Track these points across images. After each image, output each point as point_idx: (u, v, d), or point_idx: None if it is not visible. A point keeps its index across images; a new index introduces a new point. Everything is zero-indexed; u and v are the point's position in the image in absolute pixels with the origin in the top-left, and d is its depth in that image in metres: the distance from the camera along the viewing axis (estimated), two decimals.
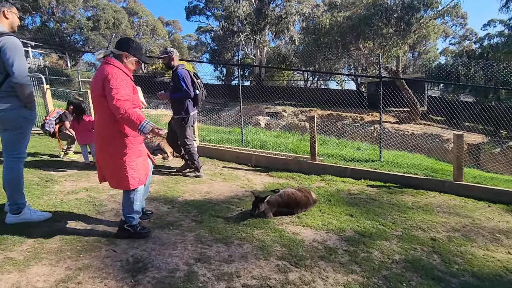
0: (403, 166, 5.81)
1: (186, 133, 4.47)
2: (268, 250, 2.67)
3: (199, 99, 4.48)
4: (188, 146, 4.53)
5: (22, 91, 2.54)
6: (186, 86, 4.21)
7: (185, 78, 4.22)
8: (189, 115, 4.41)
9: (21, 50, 2.53)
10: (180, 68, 4.32)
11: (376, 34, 14.13)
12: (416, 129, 14.96)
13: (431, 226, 3.41)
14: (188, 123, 4.44)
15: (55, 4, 32.73)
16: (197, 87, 4.38)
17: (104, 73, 2.30)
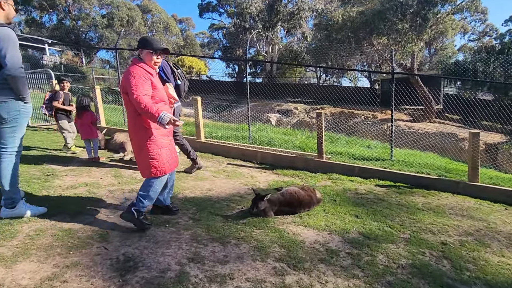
0: (415, 166, 5.58)
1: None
2: (266, 251, 2.55)
3: (182, 90, 4.20)
4: (178, 139, 4.32)
5: (15, 83, 2.49)
6: (166, 76, 3.95)
7: (164, 68, 3.97)
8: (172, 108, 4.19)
9: (15, 42, 2.48)
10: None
11: (391, 30, 13.71)
12: (430, 127, 14.51)
13: (442, 229, 3.21)
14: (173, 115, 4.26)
15: (71, 2, 33.35)
16: (178, 77, 4.15)
17: (126, 73, 2.58)
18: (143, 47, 2.66)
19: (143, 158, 2.69)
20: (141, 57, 2.67)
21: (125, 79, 2.55)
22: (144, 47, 2.65)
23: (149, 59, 2.67)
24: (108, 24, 32.22)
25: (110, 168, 4.51)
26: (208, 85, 23.25)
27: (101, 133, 5.65)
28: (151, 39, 2.70)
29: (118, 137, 5.53)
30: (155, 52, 2.66)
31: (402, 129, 14.33)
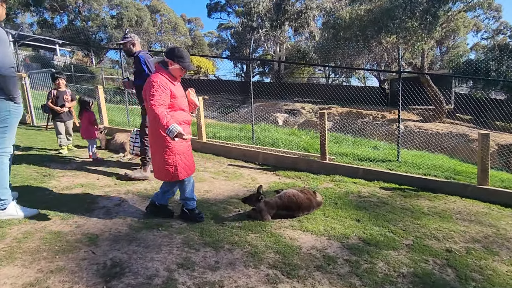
0: (423, 167, 5.40)
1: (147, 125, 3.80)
2: (259, 257, 2.45)
3: None
4: (146, 139, 4.04)
5: (5, 83, 2.44)
6: (149, 69, 3.80)
7: (148, 61, 3.84)
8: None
9: (5, 41, 2.44)
10: (142, 52, 3.95)
11: (400, 28, 13.40)
12: (441, 128, 14.17)
13: (447, 235, 3.06)
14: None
15: (81, 3, 33.80)
16: None
17: (148, 80, 2.66)
18: (177, 61, 2.71)
19: (157, 162, 2.83)
20: (166, 66, 2.73)
21: (146, 86, 2.66)
22: (179, 61, 2.72)
23: (177, 73, 2.78)
24: (117, 25, 32.56)
25: (108, 168, 4.47)
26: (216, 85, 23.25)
27: (102, 133, 5.63)
28: (185, 56, 2.75)
29: (119, 137, 5.50)
30: (184, 69, 2.77)
31: (411, 129, 14.03)
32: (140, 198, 3.45)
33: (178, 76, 2.82)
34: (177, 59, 2.72)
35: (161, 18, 39.37)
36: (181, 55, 2.73)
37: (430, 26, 13.61)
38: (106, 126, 6.50)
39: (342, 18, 14.92)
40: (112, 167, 4.57)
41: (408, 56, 16.38)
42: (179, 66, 2.73)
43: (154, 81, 2.61)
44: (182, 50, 2.80)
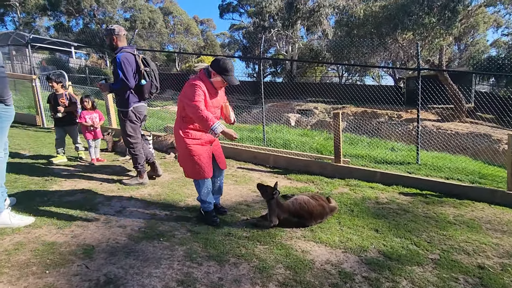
0: (445, 170, 5.06)
1: (127, 129, 3.75)
2: (268, 273, 2.22)
3: (146, 91, 3.74)
4: (133, 145, 3.81)
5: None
6: (124, 74, 3.49)
7: (124, 64, 3.49)
8: (128, 109, 3.69)
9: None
10: (124, 51, 3.58)
11: (416, 24, 12.88)
12: (461, 127, 13.58)
13: (478, 248, 2.75)
14: (128, 117, 3.72)
15: (96, 6, 34.35)
16: (143, 76, 3.65)
17: (190, 82, 2.72)
18: (220, 73, 2.72)
19: (180, 161, 2.96)
20: (209, 75, 2.76)
21: (188, 88, 2.71)
22: (221, 74, 2.73)
23: (218, 85, 2.80)
24: (130, 27, 32.91)
25: (113, 172, 4.33)
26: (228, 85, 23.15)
27: (110, 135, 5.52)
28: (229, 69, 2.74)
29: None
30: (226, 82, 2.78)
31: (429, 129, 13.50)
32: (143, 204, 3.27)
33: (218, 88, 2.85)
34: (220, 71, 2.73)
35: (173, 19, 39.64)
36: (225, 68, 2.73)
37: (449, 22, 13.05)
38: (113, 128, 6.40)
39: (356, 16, 14.49)
40: (117, 171, 4.43)
41: (425, 53, 15.80)
42: (221, 78, 2.75)
43: (197, 85, 2.68)
44: (227, 62, 2.76)
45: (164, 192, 3.69)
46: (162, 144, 5.67)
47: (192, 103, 2.64)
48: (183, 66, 36.83)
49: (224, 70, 2.73)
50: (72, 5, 33.13)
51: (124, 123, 3.75)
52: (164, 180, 4.15)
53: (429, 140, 10.61)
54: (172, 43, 39.71)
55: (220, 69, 2.73)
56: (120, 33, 3.64)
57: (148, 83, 3.73)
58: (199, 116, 2.62)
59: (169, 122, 8.15)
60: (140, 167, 3.87)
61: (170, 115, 10.91)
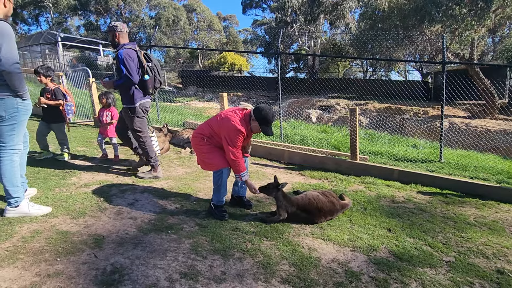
0: (469, 169, 4.81)
1: (135, 125, 3.80)
2: (272, 269, 2.20)
3: (149, 86, 3.73)
4: (143, 139, 3.86)
5: (10, 79, 2.38)
6: (127, 70, 3.50)
7: (127, 60, 3.49)
8: (134, 105, 3.72)
9: (10, 36, 2.36)
10: (125, 47, 3.56)
11: (445, 16, 12.24)
12: (492, 125, 12.84)
13: (498, 252, 2.59)
14: (136, 114, 3.76)
15: (122, 5, 35.38)
16: (146, 71, 3.66)
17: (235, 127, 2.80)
18: (259, 122, 2.82)
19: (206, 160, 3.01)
20: (250, 119, 2.86)
21: (231, 131, 2.80)
22: (261, 123, 2.83)
23: (254, 130, 2.93)
24: (155, 25, 33.61)
25: (130, 166, 4.44)
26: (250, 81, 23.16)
27: None
28: (269, 120, 2.83)
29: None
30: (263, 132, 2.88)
31: (457, 126, 12.88)
32: (155, 197, 3.34)
33: (254, 132, 2.98)
34: (261, 122, 2.82)
35: (197, 16, 40.08)
36: (265, 120, 2.82)
37: (481, 12, 12.33)
38: None
39: (381, 8, 13.97)
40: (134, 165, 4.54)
41: (455, 46, 15.03)
42: (258, 126, 2.85)
43: (242, 132, 2.81)
44: (269, 114, 2.83)
45: (176, 185, 3.75)
46: (179, 138, 5.77)
47: (233, 149, 2.83)
48: (206, 63, 37.21)
49: (264, 120, 2.82)
50: (100, 4, 34.32)
51: (132, 119, 3.78)
52: (177, 174, 4.22)
53: (457, 138, 10.13)
54: (195, 40, 40.21)
55: (261, 119, 2.82)
56: (122, 30, 3.65)
57: (151, 78, 3.74)
58: (235, 161, 2.85)
59: (188, 118, 8.28)
60: (152, 161, 3.93)
61: (190, 110, 11.09)
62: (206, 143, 2.97)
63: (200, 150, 3.03)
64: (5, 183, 2.52)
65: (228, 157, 2.86)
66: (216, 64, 34.46)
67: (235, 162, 2.84)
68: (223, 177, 2.98)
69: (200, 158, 3.07)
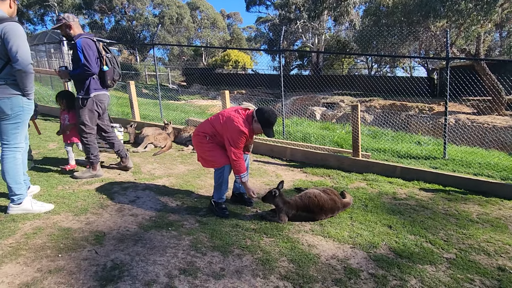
0: (474, 166, 4.77)
1: (83, 117, 3.56)
2: (271, 265, 2.21)
3: (108, 78, 3.58)
4: (86, 134, 3.61)
5: (24, 79, 2.45)
6: (86, 59, 3.33)
7: (85, 49, 3.32)
8: (89, 96, 3.51)
9: (24, 36, 2.43)
10: (83, 37, 3.39)
11: (451, 11, 12.07)
12: (499, 121, 12.68)
13: (500, 249, 2.57)
14: (88, 106, 3.54)
15: (126, 4, 35.50)
16: (105, 62, 3.51)
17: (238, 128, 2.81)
18: (261, 123, 2.85)
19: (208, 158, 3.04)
20: (253, 120, 2.88)
21: (236, 132, 2.81)
22: (263, 125, 2.86)
23: (256, 131, 2.95)
24: (159, 23, 33.67)
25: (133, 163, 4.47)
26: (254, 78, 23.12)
27: (132, 128, 5.70)
28: (271, 122, 2.88)
29: (145, 131, 5.55)
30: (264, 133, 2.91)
31: (463, 123, 12.74)
32: (157, 195, 3.36)
33: (256, 133, 3.01)
34: (263, 123, 2.85)
35: (200, 14, 40.06)
36: (268, 122, 2.85)
37: (488, 7, 12.13)
38: (136, 121, 6.61)
39: (385, 4, 13.82)
40: (136, 162, 4.57)
41: (461, 42, 14.83)
42: (260, 128, 2.88)
43: (245, 134, 2.83)
44: (271, 116, 2.86)
45: (178, 183, 3.77)
46: (181, 136, 5.79)
47: (236, 150, 2.86)
48: (210, 61, 37.23)
49: (267, 122, 2.85)
50: (104, 3, 34.48)
51: (82, 111, 3.56)
52: (179, 171, 4.24)
53: (462, 135, 10.02)
54: (199, 38, 40.22)
55: (263, 121, 2.85)
56: (75, 19, 3.50)
57: (110, 69, 3.62)
58: (236, 162, 2.87)
59: (192, 116, 8.30)
60: (93, 157, 3.71)
61: (193, 108, 11.11)
62: (209, 141, 2.98)
63: (202, 148, 3.04)
64: (8, 181, 2.56)
65: (230, 158, 2.89)
66: (220, 62, 34.48)
67: (237, 162, 2.87)
68: (225, 175, 3.00)
69: (201, 155, 3.09)
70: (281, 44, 6.71)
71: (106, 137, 3.96)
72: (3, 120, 2.49)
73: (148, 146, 5.22)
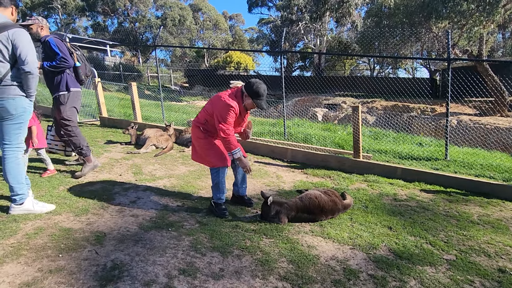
0: (475, 167, 4.75)
1: (65, 114, 3.61)
2: (270, 266, 2.21)
3: (82, 73, 3.70)
4: (71, 128, 3.65)
5: (30, 80, 2.53)
6: (62, 53, 3.44)
7: (60, 45, 3.46)
8: (69, 92, 3.61)
9: (31, 41, 2.55)
10: (52, 36, 3.55)
11: (453, 12, 12.03)
12: (502, 122, 12.62)
13: (501, 251, 2.56)
14: (68, 102, 3.62)
15: (129, 5, 35.68)
16: (77, 59, 3.64)
17: (225, 101, 2.78)
18: (252, 96, 2.81)
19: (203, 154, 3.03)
20: (243, 96, 2.84)
21: (223, 106, 2.77)
22: (253, 97, 2.81)
23: (249, 106, 2.90)
24: (161, 24, 33.82)
25: (133, 164, 4.50)
26: None
27: (134, 129, 5.73)
28: (261, 93, 2.81)
29: (147, 133, 5.57)
30: (256, 105, 2.85)
31: (465, 124, 12.69)
32: (157, 195, 3.37)
33: (249, 109, 2.96)
34: (253, 95, 2.81)
35: (203, 16, 40.18)
36: (257, 92, 2.80)
37: (490, 8, 12.09)
38: (137, 122, 6.64)
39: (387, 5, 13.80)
40: (137, 163, 4.59)
41: (463, 43, 14.79)
42: (251, 101, 2.83)
43: (232, 107, 2.76)
44: (260, 87, 2.81)
45: (179, 184, 3.78)
46: (182, 138, 5.80)
47: (223, 126, 2.77)
48: (212, 62, 37.32)
49: (256, 94, 2.81)
50: (107, 5, 34.67)
51: (64, 107, 3.63)
52: (180, 172, 4.25)
53: (464, 135, 9.99)
54: (201, 39, 40.34)
55: (252, 93, 2.80)
56: (47, 24, 3.63)
57: (82, 65, 3.73)
58: (225, 139, 2.80)
59: (193, 117, 8.32)
60: (85, 148, 3.75)
61: (195, 109, 11.13)
62: (203, 133, 2.96)
63: (198, 143, 3.03)
64: (10, 180, 2.58)
65: (219, 136, 2.83)
66: (222, 63, 34.55)
67: (226, 140, 2.79)
68: (219, 175, 3.00)
69: (196, 149, 3.08)
70: (282, 46, 6.72)
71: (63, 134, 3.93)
72: (7, 120, 2.53)
73: (149, 147, 5.24)
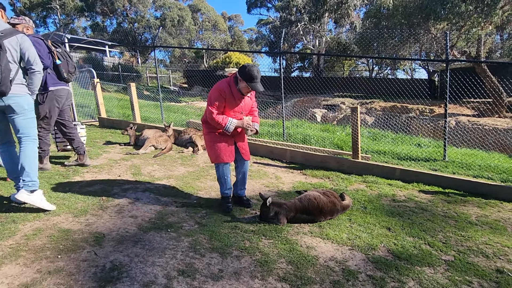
0: (474, 168, 4.76)
1: (43, 114, 3.70)
2: (269, 267, 2.22)
3: (63, 71, 3.69)
4: (41, 129, 3.71)
5: (37, 79, 2.84)
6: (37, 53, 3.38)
7: (36, 44, 3.38)
8: (47, 91, 3.66)
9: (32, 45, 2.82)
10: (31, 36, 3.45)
11: (451, 13, 12.08)
12: (500, 123, 12.66)
13: (499, 251, 2.57)
14: (47, 102, 3.68)
15: (128, 6, 35.66)
16: (57, 57, 3.65)
17: (215, 85, 2.94)
18: (245, 79, 2.83)
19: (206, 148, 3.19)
20: (237, 81, 2.90)
21: (212, 90, 2.94)
22: (246, 80, 2.83)
23: (244, 90, 2.93)
24: (160, 25, 33.82)
25: (132, 165, 4.50)
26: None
27: (133, 130, 5.73)
28: (254, 76, 2.82)
29: (146, 133, 5.57)
30: (251, 88, 2.87)
31: (464, 125, 12.73)
32: (156, 196, 3.38)
33: (245, 93, 2.97)
34: (246, 78, 2.84)
35: (202, 16, 40.20)
36: (250, 75, 2.82)
37: (488, 9, 12.15)
38: (136, 123, 6.64)
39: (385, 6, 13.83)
40: (136, 164, 4.59)
41: (461, 44, 14.84)
42: (245, 84, 2.86)
43: (219, 89, 2.88)
44: (253, 70, 2.83)
45: (178, 184, 3.78)
46: (181, 138, 5.81)
47: (209, 108, 2.92)
48: (211, 63, 37.33)
49: (249, 77, 2.83)
50: (106, 6, 34.65)
51: (42, 107, 3.68)
52: (179, 173, 4.25)
53: (463, 136, 10.02)
54: (200, 40, 40.36)
55: (246, 76, 2.83)
56: (32, 25, 3.65)
57: (64, 62, 3.72)
58: (211, 119, 2.93)
59: (192, 117, 8.32)
60: (41, 151, 3.74)
61: (194, 110, 11.14)
62: (207, 129, 3.12)
63: (206, 138, 3.19)
64: (27, 168, 2.71)
65: (208, 118, 2.98)
66: (221, 64, 34.56)
67: (214, 120, 2.92)
68: (220, 171, 3.12)
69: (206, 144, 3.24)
70: (281, 46, 6.74)
71: (66, 133, 4.07)
72: (22, 115, 2.77)
73: (148, 148, 5.24)
